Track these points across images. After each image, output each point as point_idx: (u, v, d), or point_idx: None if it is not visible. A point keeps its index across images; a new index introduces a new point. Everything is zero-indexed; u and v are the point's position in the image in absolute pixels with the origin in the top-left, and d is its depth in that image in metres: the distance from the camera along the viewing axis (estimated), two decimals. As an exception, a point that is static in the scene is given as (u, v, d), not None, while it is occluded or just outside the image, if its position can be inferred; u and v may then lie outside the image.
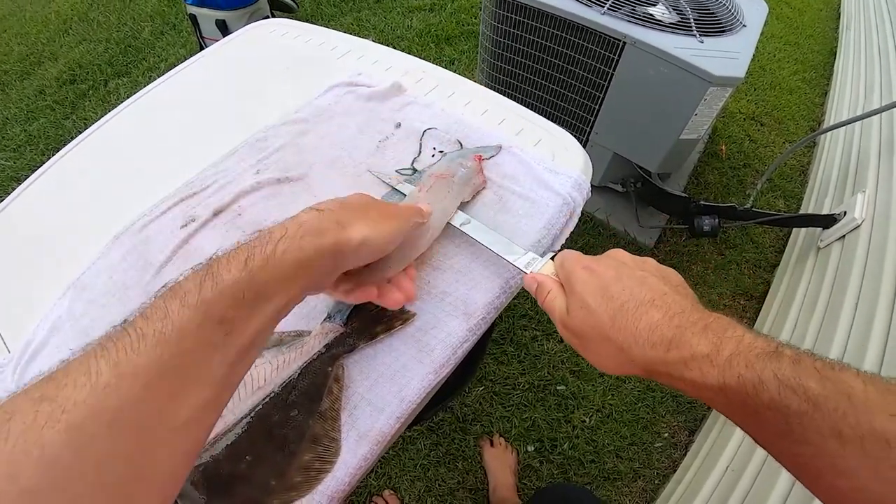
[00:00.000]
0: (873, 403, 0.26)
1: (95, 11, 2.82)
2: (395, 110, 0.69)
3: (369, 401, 0.48)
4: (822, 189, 1.84)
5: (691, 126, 1.43)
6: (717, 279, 1.73)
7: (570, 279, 0.43)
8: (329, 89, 0.73)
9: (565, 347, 1.54)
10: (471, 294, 0.53)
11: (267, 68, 0.80)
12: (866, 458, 0.26)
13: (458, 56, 2.37)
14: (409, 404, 0.48)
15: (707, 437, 1.37)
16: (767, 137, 2.18)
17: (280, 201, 0.63)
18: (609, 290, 0.39)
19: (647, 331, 0.36)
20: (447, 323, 0.51)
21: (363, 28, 2.53)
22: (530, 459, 1.39)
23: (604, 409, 1.45)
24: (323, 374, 0.48)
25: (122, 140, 0.75)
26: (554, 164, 0.63)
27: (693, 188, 1.97)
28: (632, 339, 0.36)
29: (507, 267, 0.54)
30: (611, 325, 0.38)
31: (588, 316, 0.39)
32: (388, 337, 0.51)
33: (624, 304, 0.38)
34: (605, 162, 1.70)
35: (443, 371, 0.49)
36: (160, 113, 0.77)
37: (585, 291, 0.40)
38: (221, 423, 0.45)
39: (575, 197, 0.60)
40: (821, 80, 2.47)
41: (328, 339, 0.50)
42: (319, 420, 0.46)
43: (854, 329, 1.15)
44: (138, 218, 0.63)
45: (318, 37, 0.83)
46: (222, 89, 0.79)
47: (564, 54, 1.49)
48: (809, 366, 0.29)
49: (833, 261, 1.42)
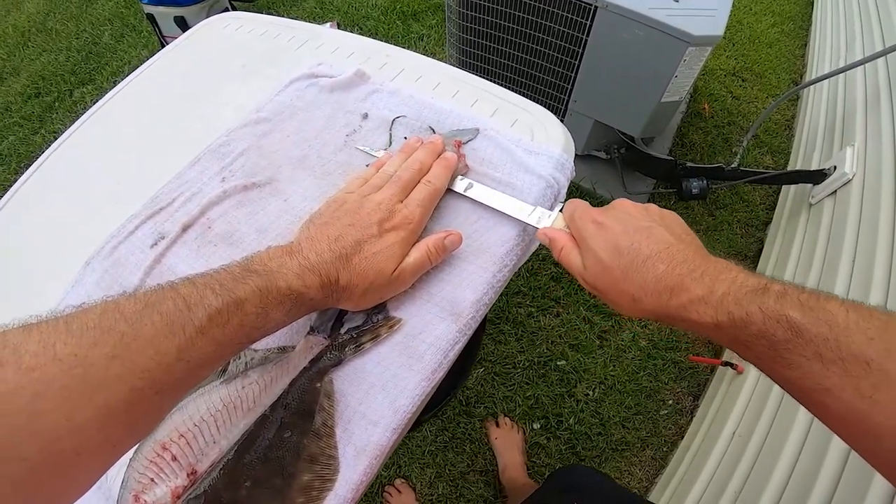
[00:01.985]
0: (854, 328, 0.29)
1: (53, 20, 2.73)
2: (360, 100, 0.65)
3: (363, 414, 0.46)
4: (809, 144, 1.82)
5: (672, 88, 1.40)
6: (710, 241, 1.72)
7: (583, 235, 0.45)
8: (290, 84, 0.69)
9: (562, 322, 1.53)
10: (457, 293, 0.50)
11: (223, 67, 0.76)
12: (848, 378, 0.28)
13: (427, 31, 2.30)
14: (405, 414, 0.45)
15: (712, 402, 1.36)
16: (750, 93, 2.15)
17: (250, 209, 0.59)
18: (619, 245, 0.42)
19: (654, 282, 0.39)
20: (435, 326, 0.48)
21: (327, 11, 2.46)
22: (537, 437, 1.38)
23: (606, 381, 1.44)
24: (312, 391, 0.46)
25: (83, 158, 0.71)
26: (533, 144, 0.60)
27: (678, 150, 1.94)
28: (641, 291, 0.40)
29: (493, 260, 0.51)
30: (623, 278, 0.41)
31: (603, 272, 0.43)
32: (376, 346, 0.48)
33: (633, 260, 0.41)
34: (587, 130, 1.66)
35: (435, 376, 0.47)
36: (119, 125, 0.73)
37: (598, 247, 0.43)
38: (216, 449, 0.43)
39: (558, 178, 0.57)
40: (800, 32, 2.43)
41: (313, 354, 0.48)
42: (314, 438, 0.45)
43: (853, 285, 1.14)
44: (107, 240, 0.59)
45: (273, 28, 0.79)
46: (179, 94, 0.75)
47: (535, 22, 1.45)
48: (794, 298, 0.32)
49: (826, 217, 1.40)
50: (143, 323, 0.30)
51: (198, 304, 0.33)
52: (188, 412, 0.43)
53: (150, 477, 0.40)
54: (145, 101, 0.75)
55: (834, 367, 0.29)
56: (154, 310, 0.31)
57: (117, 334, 0.29)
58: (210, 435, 0.43)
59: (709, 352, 1.50)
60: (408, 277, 0.48)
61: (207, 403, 0.44)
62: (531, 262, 1.62)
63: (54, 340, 0.27)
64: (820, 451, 0.92)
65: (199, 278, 0.36)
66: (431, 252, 0.48)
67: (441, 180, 0.52)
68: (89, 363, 0.27)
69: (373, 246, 0.45)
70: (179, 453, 0.41)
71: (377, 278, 0.45)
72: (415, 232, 0.48)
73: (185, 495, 0.41)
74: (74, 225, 0.64)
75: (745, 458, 1.11)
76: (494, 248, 0.52)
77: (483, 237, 0.53)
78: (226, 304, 0.34)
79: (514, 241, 0.52)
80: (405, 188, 0.50)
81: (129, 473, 0.40)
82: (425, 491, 1.33)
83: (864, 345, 0.28)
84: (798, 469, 0.96)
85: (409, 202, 0.49)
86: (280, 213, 0.58)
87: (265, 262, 0.41)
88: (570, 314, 1.54)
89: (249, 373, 0.46)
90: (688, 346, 1.49)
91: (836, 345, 0.29)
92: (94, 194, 0.66)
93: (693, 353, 1.49)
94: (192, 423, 0.42)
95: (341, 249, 0.43)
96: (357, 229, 0.45)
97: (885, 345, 0.28)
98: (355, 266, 0.44)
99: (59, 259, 0.60)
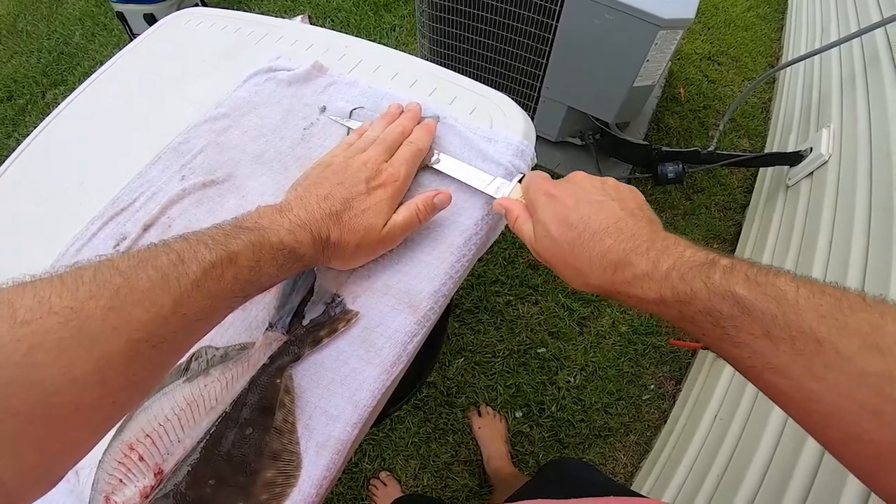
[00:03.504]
0: (804, 305, 0.28)
1: (23, 21, 2.67)
2: (318, 93, 0.65)
3: (323, 409, 0.46)
4: (785, 126, 1.83)
5: (644, 72, 1.40)
6: (688, 225, 1.73)
7: (535, 206, 0.45)
8: (248, 78, 0.68)
9: (541, 309, 1.53)
10: (414, 284, 0.50)
11: (184, 64, 0.75)
12: (798, 356, 0.27)
13: (399, 22, 2.28)
14: (365, 409, 0.45)
15: (693, 386, 1.38)
16: (725, 77, 2.16)
17: (209, 207, 0.59)
18: (569, 219, 0.41)
19: (600, 257, 0.39)
20: (393, 318, 0.48)
21: (298, 4, 2.43)
22: (520, 425, 1.39)
23: (587, 368, 1.45)
24: (272, 388, 0.46)
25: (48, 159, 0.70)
26: (492, 131, 0.59)
27: (654, 135, 1.94)
28: (588, 265, 0.39)
29: (451, 251, 0.51)
30: (570, 252, 0.41)
31: (551, 244, 0.42)
32: (334, 340, 0.48)
33: (581, 234, 0.40)
34: (561, 116, 1.66)
35: (394, 370, 0.47)
36: (82, 125, 0.73)
37: (547, 220, 0.43)
38: (181, 448, 0.43)
39: (518, 164, 0.57)
40: (776, 15, 2.43)
41: (272, 350, 0.48)
42: (276, 435, 0.45)
43: (830, 267, 1.15)
44: (72, 242, 0.59)
45: (234, 23, 0.78)
46: (141, 92, 0.74)
47: (505, 10, 1.44)
48: (741, 273, 0.31)
49: (803, 198, 1.41)
50: (138, 276, 0.30)
51: (191, 258, 0.33)
52: (153, 412, 0.43)
53: (118, 478, 0.41)
54: (108, 100, 0.74)
55: (783, 346, 0.28)
56: (148, 264, 0.31)
57: (113, 287, 0.29)
58: (175, 434, 0.43)
59: (689, 335, 1.51)
60: (397, 235, 0.48)
61: (171, 403, 0.44)
62: (508, 251, 1.62)
63: (49, 294, 0.27)
64: (801, 433, 0.93)
65: (192, 235, 0.36)
66: (420, 210, 0.49)
67: (423, 142, 0.53)
68: (85, 315, 0.27)
69: (361, 203, 0.46)
70: (146, 453, 0.42)
71: (367, 234, 0.45)
72: (401, 189, 0.49)
73: (152, 495, 0.41)
74: (40, 227, 0.64)
75: (727, 441, 1.12)
76: (452, 237, 0.52)
77: (441, 227, 0.53)
78: (219, 257, 0.35)
79: (472, 231, 0.52)
80: (390, 148, 0.51)
81: (98, 475, 0.42)
82: (410, 483, 1.34)
83: (814, 322, 0.27)
84: (779, 451, 0.97)
85: (394, 161, 0.50)
86: (237, 209, 0.58)
87: (256, 219, 0.41)
88: (549, 301, 1.54)
89: (211, 371, 0.47)
90: (668, 330, 1.50)
91: (786, 322, 0.28)
92: (59, 196, 0.66)
93: (674, 337, 1.50)
94: (157, 423, 0.43)
95: (331, 207, 0.44)
96: (345, 187, 0.46)
97: (837, 322, 0.26)
98: (346, 223, 0.44)
99: (26, 261, 0.60)
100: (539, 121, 1.74)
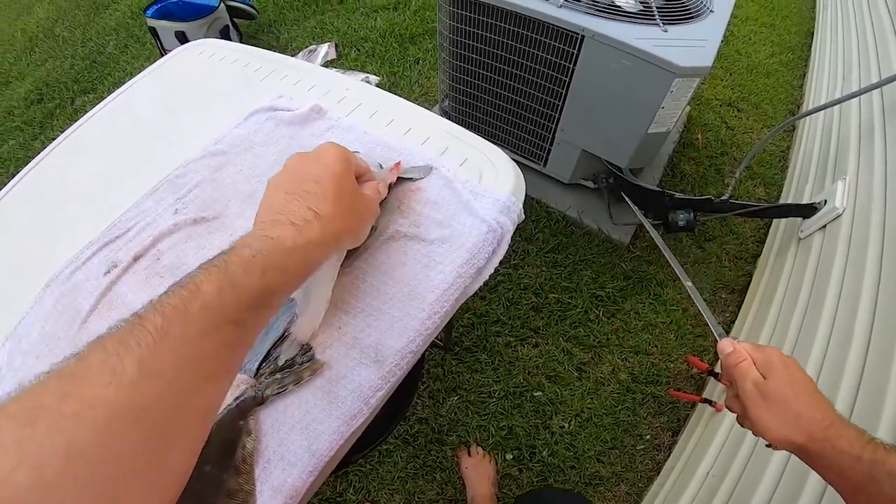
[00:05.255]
0: None
1: (61, 27, 2.77)
2: (315, 136, 0.66)
3: (281, 455, 0.46)
4: (802, 176, 1.80)
5: (659, 119, 1.39)
6: (697, 273, 1.70)
7: (772, 361, 0.54)
8: (249, 116, 0.69)
9: (541, 352, 1.51)
10: (383, 339, 0.50)
11: (191, 96, 0.77)
12: None
13: (423, 55, 2.31)
14: (321, 458, 0.46)
15: (690, 438, 1.34)
16: (745, 123, 2.14)
17: (198, 243, 0.61)
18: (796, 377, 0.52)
19: (821, 413, 0.49)
20: (358, 372, 0.48)
21: (326, 31, 2.48)
22: (509, 468, 1.36)
23: (583, 414, 1.42)
24: (235, 429, 0.47)
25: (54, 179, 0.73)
26: (480, 185, 0.59)
27: (669, 180, 1.93)
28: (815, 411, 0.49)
29: (422, 307, 0.51)
30: (799, 399, 0.50)
31: (791, 385, 0.51)
32: (299, 388, 0.49)
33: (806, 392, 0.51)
34: (574, 159, 1.66)
35: (354, 422, 0.47)
36: (88, 149, 0.75)
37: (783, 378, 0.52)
38: None
39: (503, 222, 0.57)
40: (799, 63, 2.42)
41: (239, 391, 0.49)
42: (234, 474, 0.45)
43: (837, 322, 1.12)
44: (67, 264, 0.62)
45: (244, 57, 0.80)
46: (148, 121, 0.76)
47: (522, 50, 1.45)
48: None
49: (815, 252, 1.38)
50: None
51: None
52: None
53: None
54: (116, 126, 0.77)
55: None
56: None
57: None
58: None
59: (691, 387, 1.48)
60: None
61: None
62: (512, 292, 1.61)
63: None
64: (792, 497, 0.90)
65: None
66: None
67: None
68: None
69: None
70: None
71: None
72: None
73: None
74: (40, 244, 0.66)
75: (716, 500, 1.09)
76: (425, 293, 0.52)
77: (414, 282, 0.53)
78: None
79: (445, 287, 0.52)
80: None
81: None
82: (393, 517, 1.32)
83: None
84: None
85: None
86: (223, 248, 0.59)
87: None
88: (550, 345, 1.52)
89: None
90: (668, 380, 1.47)
91: None
92: (61, 216, 0.68)
93: (674, 387, 1.47)
94: None
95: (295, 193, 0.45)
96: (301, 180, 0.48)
97: None
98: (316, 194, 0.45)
99: (24, 277, 0.63)
100: (553, 162, 1.74)
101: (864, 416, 0.87)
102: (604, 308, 1.60)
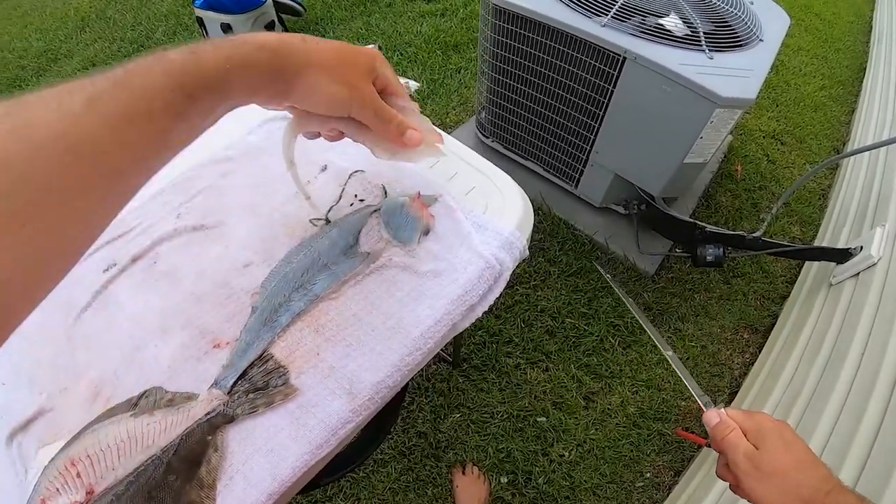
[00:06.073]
0: None
1: (112, 9, 2.85)
2: (324, 150, 0.64)
3: (244, 474, 0.46)
4: (840, 218, 1.73)
5: (696, 149, 1.34)
6: (721, 310, 1.64)
7: (763, 429, 0.52)
8: (262, 123, 0.69)
9: (550, 377, 1.48)
10: (359, 372, 0.48)
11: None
12: None
13: (465, 64, 2.30)
14: (283, 483, 0.45)
15: (691, 481, 1.29)
16: (787, 158, 2.07)
17: (195, 251, 0.60)
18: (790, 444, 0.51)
19: (819, 480, 0.47)
20: (329, 402, 0.47)
21: (372, 33, 2.49)
22: (502, 492, 1.33)
23: (585, 444, 1.38)
24: (203, 443, 0.47)
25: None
26: (484, 217, 0.57)
27: (703, 211, 1.87)
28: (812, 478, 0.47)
29: (404, 343, 0.49)
30: (795, 467, 0.48)
31: (786, 454, 0.49)
32: (269, 411, 0.48)
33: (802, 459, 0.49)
34: (607, 182, 1.63)
35: (320, 452, 0.46)
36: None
37: (777, 446, 0.50)
38: (113, 475, 0.45)
39: (503, 258, 0.55)
40: (848, 97, 2.33)
41: (211, 406, 0.49)
42: (196, 487, 0.46)
43: (859, 376, 1.08)
44: None
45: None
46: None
47: (562, 68, 1.43)
48: None
49: (844, 299, 1.32)
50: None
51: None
52: (99, 436, 0.46)
53: (56, 487, 0.44)
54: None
55: None
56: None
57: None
58: (111, 461, 0.45)
59: (699, 428, 1.42)
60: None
61: (115, 432, 0.47)
62: (529, 313, 1.58)
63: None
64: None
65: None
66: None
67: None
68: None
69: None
70: (84, 471, 0.44)
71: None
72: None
73: (78, 511, 0.43)
74: None
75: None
76: (409, 328, 0.50)
77: (399, 315, 0.51)
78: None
79: (431, 323, 0.50)
80: None
81: (41, 479, 0.44)
82: (380, 529, 1.30)
83: None
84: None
85: None
86: (219, 259, 0.59)
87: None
88: (560, 371, 1.48)
89: (156, 412, 0.49)
90: (678, 418, 1.42)
91: None
92: None
93: (683, 427, 1.42)
94: (98, 448, 0.45)
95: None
96: None
97: None
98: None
99: None
100: (584, 184, 1.71)
101: (876, 476, 0.84)
102: (620, 338, 1.55)
